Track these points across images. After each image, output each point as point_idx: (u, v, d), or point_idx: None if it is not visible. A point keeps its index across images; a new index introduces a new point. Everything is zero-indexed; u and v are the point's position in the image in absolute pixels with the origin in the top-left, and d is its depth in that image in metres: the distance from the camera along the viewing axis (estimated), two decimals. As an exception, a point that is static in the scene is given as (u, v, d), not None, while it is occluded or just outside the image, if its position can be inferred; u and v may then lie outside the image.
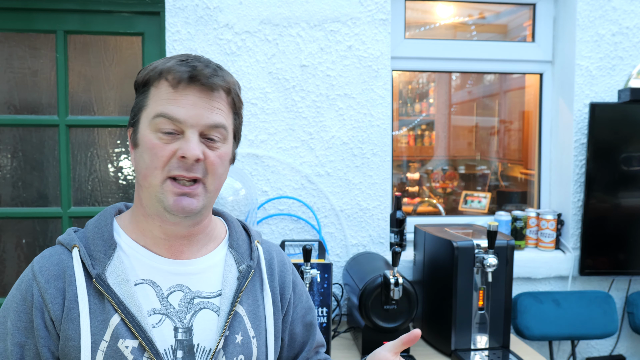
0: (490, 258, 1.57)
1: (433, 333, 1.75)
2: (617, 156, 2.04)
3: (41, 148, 2.05)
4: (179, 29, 1.89)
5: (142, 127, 0.85)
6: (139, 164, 0.85)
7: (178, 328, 0.85)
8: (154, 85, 0.85)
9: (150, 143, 0.83)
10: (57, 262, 0.85)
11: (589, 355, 2.18)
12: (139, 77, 0.88)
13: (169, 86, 0.83)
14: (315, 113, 1.98)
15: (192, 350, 0.85)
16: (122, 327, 0.81)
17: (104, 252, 0.85)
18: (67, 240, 0.88)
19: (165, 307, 0.85)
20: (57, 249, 0.88)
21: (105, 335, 0.81)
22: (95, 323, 0.81)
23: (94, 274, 0.83)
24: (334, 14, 1.95)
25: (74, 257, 0.85)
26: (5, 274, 2.09)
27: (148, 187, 0.84)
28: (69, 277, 0.83)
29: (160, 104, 0.83)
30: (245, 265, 0.94)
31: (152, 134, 0.83)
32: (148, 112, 0.84)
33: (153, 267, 0.87)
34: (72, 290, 0.82)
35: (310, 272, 1.53)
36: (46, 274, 0.83)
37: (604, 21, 2.07)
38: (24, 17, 1.94)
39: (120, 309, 0.81)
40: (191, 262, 0.90)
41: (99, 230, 0.88)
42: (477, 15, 2.42)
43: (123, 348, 0.80)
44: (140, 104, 0.87)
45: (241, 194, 1.83)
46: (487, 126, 2.90)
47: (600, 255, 2.07)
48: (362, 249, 2.03)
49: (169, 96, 0.83)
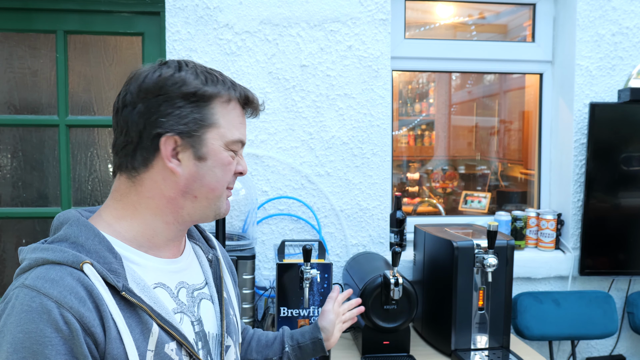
0: (490, 258, 1.57)
1: (433, 333, 1.75)
2: (617, 156, 2.04)
3: (41, 148, 2.05)
4: (179, 29, 1.89)
5: (213, 143, 0.86)
6: (204, 178, 0.87)
7: (194, 322, 0.90)
8: (222, 104, 0.87)
9: (226, 160, 0.89)
10: (76, 282, 0.76)
11: (589, 355, 2.18)
12: (201, 91, 0.84)
13: (240, 109, 0.92)
14: (315, 113, 1.98)
15: (206, 338, 0.91)
16: (162, 333, 0.82)
17: (117, 263, 0.81)
18: (69, 259, 0.77)
19: (179, 305, 0.89)
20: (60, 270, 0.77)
21: (149, 344, 0.79)
22: (136, 336, 0.79)
23: (121, 287, 0.78)
24: (334, 14, 1.95)
25: (89, 275, 0.76)
26: (5, 274, 2.09)
27: (210, 198, 0.89)
28: (97, 296, 0.76)
29: (236, 128, 0.90)
30: (211, 255, 1.02)
31: (227, 152, 0.89)
32: (222, 131, 0.87)
33: (159, 269, 0.88)
34: (105, 309, 0.76)
35: (310, 272, 1.53)
36: (73, 297, 0.74)
37: (604, 21, 2.07)
38: (24, 17, 1.94)
39: (154, 315, 0.81)
40: (179, 259, 0.94)
41: (99, 243, 0.82)
42: (477, 15, 2.42)
43: (169, 352, 0.82)
44: (208, 121, 0.85)
45: (241, 194, 1.83)
46: (487, 126, 2.90)
47: (600, 255, 2.07)
48: (362, 249, 2.03)
49: (240, 120, 0.92)
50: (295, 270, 1.58)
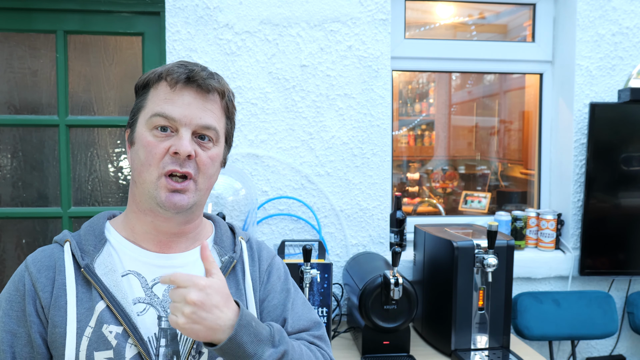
0: (490, 258, 1.57)
1: (433, 333, 1.75)
2: (617, 156, 2.04)
3: (41, 148, 2.05)
4: (179, 29, 1.89)
5: (139, 126, 0.90)
6: (134, 161, 0.90)
7: (162, 317, 0.89)
8: (153, 87, 0.90)
9: (145, 140, 0.87)
10: (49, 255, 0.91)
11: (589, 355, 2.18)
12: (139, 81, 0.93)
13: (167, 86, 0.89)
14: (315, 113, 1.98)
15: (175, 338, 0.89)
16: (106, 313, 0.84)
17: (94, 246, 0.91)
18: (60, 237, 0.94)
19: (149, 297, 0.89)
20: (51, 246, 0.94)
21: (90, 321, 0.84)
22: (82, 310, 0.85)
23: (83, 264, 0.88)
24: (334, 14, 1.95)
25: (65, 250, 0.90)
26: (5, 274, 2.09)
27: (142, 183, 0.88)
28: (59, 268, 0.88)
29: (158, 104, 0.88)
30: (227, 257, 0.99)
31: (148, 132, 0.88)
32: (146, 112, 0.89)
33: (139, 260, 0.92)
34: (61, 280, 0.87)
35: (310, 272, 1.53)
36: (38, 264, 0.89)
37: (604, 21, 2.07)
38: (24, 17, 1.94)
39: (106, 297, 0.85)
40: (177, 255, 0.94)
41: (91, 228, 0.94)
42: (477, 15, 2.42)
43: (107, 333, 0.83)
44: (139, 105, 0.92)
45: (241, 194, 1.83)
46: (487, 126, 2.90)
47: (600, 255, 2.07)
48: (362, 249, 2.03)
49: (167, 96, 0.88)
50: (295, 270, 1.58)
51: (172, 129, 0.87)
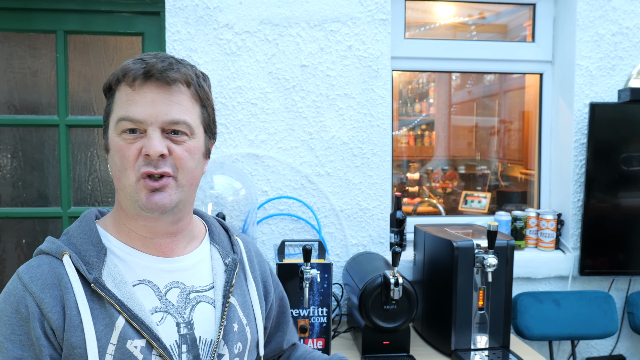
0: (490, 258, 1.57)
1: (433, 333, 1.75)
2: (617, 156, 2.04)
3: (41, 148, 2.05)
4: (179, 29, 1.89)
5: (110, 132, 0.87)
6: (112, 168, 0.87)
7: (180, 323, 0.87)
8: (117, 89, 0.87)
9: (117, 146, 0.85)
10: (49, 270, 0.83)
11: (589, 355, 2.18)
12: (104, 85, 0.89)
13: (127, 87, 0.84)
14: (315, 113, 1.98)
15: (195, 343, 0.88)
16: (128, 329, 0.82)
17: (96, 256, 0.85)
18: (53, 249, 0.85)
19: (165, 305, 0.87)
20: (44, 258, 0.85)
21: (112, 338, 0.81)
22: (100, 327, 0.81)
23: (91, 279, 0.82)
24: (334, 14, 1.95)
25: (65, 265, 0.83)
26: (5, 274, 2.09)
27: (123, 188, 0.86)
28: (65, 285, 0.81)
29: (122, 107, 0.84)
30: (230, 259, 0.98)
31: (118, 137, 0.85)
32: (113, 117, 0.86)
33: (147, 267, 0.89)
34: (70, 298, 0.81)
35: (310, 272, 1.53)
36: (39, 283, 0.81)
37: (604, 21, 2.07)
38: (24, 17, 1.94)
39: (123, 311, 0.82)
40: (180, 258, 0.93)
41: (85, 236, 0.87)
42: (477, 15, 2.42)
43: (132, 348, 0.81)
44: (107, 110, 0.88)
45: (241, 194, 1.83)
46: (487, 126, 2.90)
47: (600, 255, 2.07)
48: (362, 249, 2.03)
49: (128, 97, 0.84)
50: (295, 270, 1.58)
51: (140, 130, 0.83)
